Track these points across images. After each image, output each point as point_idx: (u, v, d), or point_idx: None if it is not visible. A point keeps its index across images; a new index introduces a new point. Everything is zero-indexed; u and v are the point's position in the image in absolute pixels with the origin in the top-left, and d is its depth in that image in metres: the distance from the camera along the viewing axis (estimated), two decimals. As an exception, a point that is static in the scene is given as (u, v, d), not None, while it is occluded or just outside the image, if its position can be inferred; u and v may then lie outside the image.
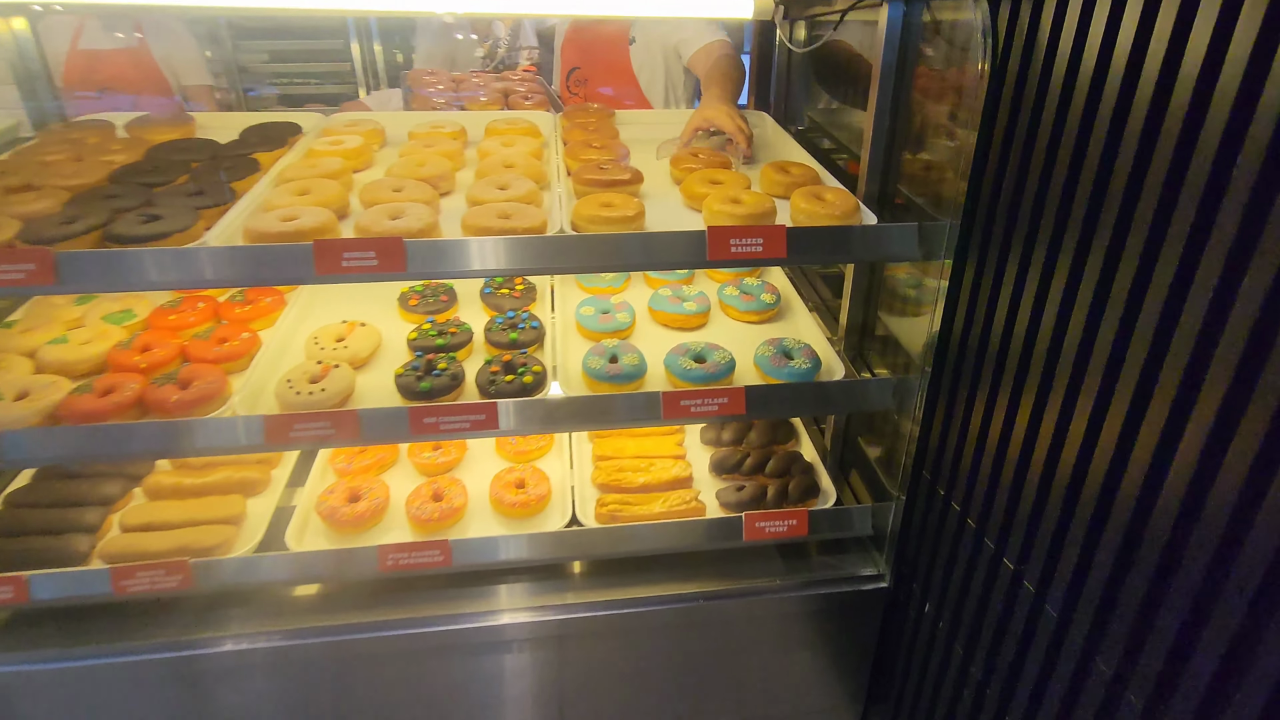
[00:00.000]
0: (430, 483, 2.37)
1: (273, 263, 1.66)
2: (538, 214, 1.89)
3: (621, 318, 2.37)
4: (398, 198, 1.95)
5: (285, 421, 1.88)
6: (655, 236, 1.83)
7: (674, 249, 1.82)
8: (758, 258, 1.85)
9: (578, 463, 2.55)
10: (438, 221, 1.88)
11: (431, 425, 1.94)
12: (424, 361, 2.10)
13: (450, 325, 2.29)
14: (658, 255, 1.83)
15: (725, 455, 2.52)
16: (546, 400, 2.01)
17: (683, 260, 1.86)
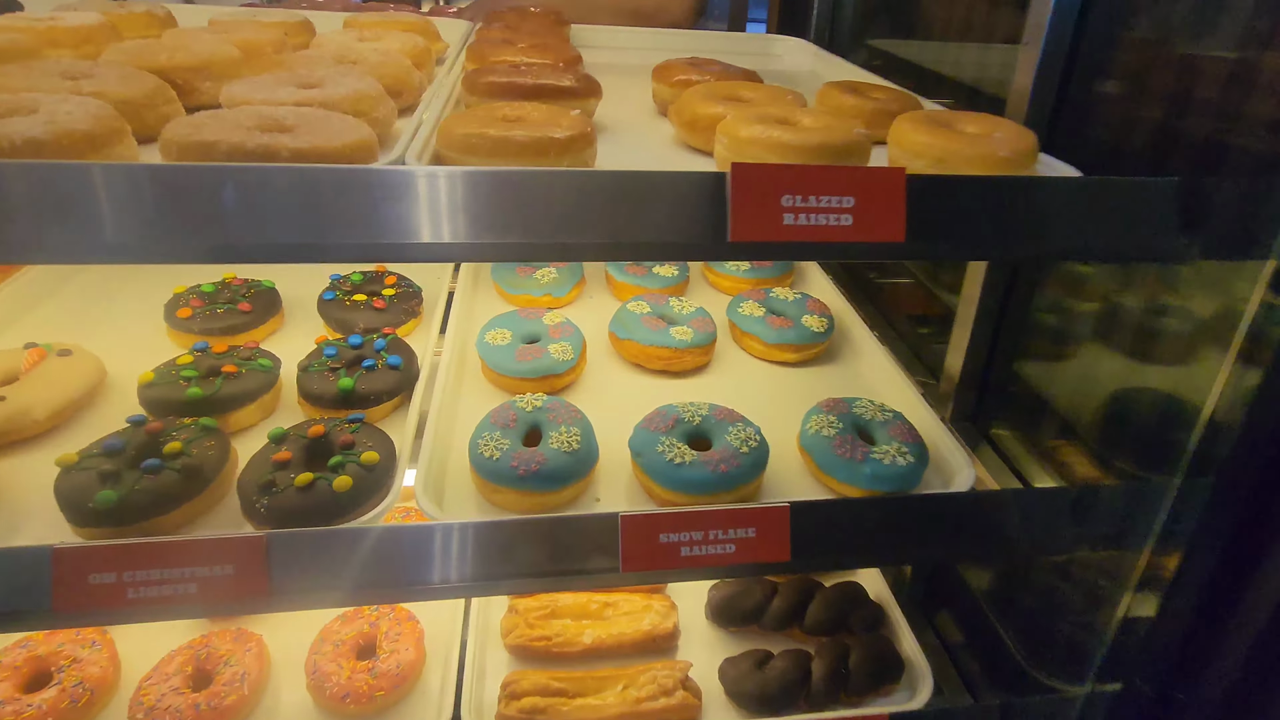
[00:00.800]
0: (197, 645, 1.28)
1: None
2: (353, 129, 0.83)
3: (558, 352, 1.31)
4: (58, 87, 0.88)
5: None
6: (616, 180, 0.79)
7: (656, 212, 0.79)
8: (841, 240, 0.82)
9: (479, 601, 1.49)
10: (125, 131, 0.81)
11: (107, 592, 0.87)
12: (136, 437, 1.03)
13: (235, 357, 1.22)
14: (619, 225, 0.79)
15: (734, 592, 1.46)
16: (365, 535, 0.94)
17: (672, 240, 0.81)
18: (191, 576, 0.90)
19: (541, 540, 0.99)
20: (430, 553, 0.96)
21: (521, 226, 0.78)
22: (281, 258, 0.75)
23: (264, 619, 1.41)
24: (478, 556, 0.97)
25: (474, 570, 0.98)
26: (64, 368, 1.18)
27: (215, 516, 1.03)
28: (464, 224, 0.78)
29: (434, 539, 0.96)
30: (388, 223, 0.75)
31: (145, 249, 0.73)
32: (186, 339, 1.35)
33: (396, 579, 0.95)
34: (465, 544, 0.96)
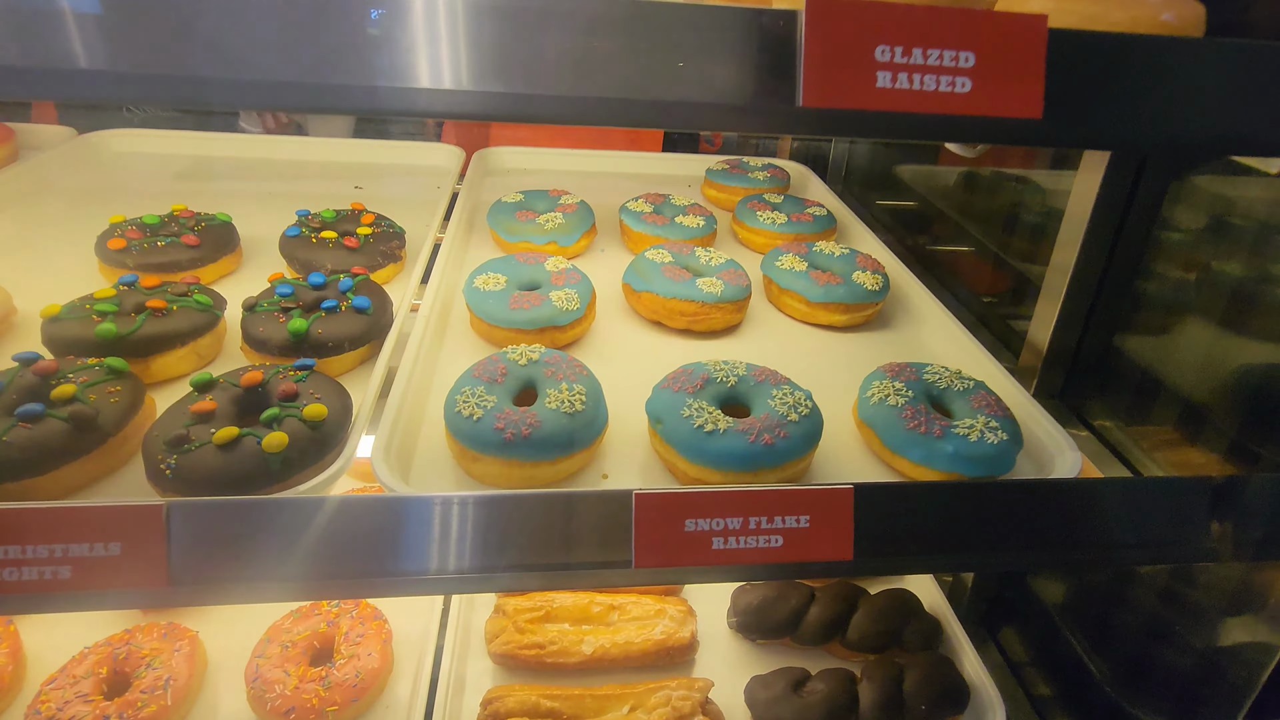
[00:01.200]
0: (117, 642, 1.06)
1: None
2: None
3: (561, 300, 1.08)
4: None
5: None
6: (643, 13, 0.56)
7: (698, 60, 0.56)
8: (955, 111, 0.59)
9: (459, 599, 1.26)
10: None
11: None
12: (23, 378, 0.80)
13: (166, 293, 1.00)
14: (646, 75, 0.56)
15: (765, 597, 1.23)
16: (298, 509, 0.72)
17: (718, 100, 0.58)
18: (64, 556, 0.68)
19: (529, 524, 0.76)
20: (384, 536, 0.73)
21: (522, 74, 0.55)
22: (255, 100, 0.53)
23: (204, 611, 1.19)
24: (445, 543, 0.74)
25: (438, 561, 0.75)
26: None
27: (116, 482, 0.81)
28: (456, 67, 0.55)
29: (389, 518, 0.73)
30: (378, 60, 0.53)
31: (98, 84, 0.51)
32: (115, 273, 1.13)
33: (337, 569, 0.72)
34: (428, 526, 0.73)
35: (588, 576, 0.78)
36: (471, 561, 0.76)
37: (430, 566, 0.75)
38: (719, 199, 1.68)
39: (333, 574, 0.73)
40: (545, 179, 1.74)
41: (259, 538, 0.72)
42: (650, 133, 2.15)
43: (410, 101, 0.58)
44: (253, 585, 0.73)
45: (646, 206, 1.46)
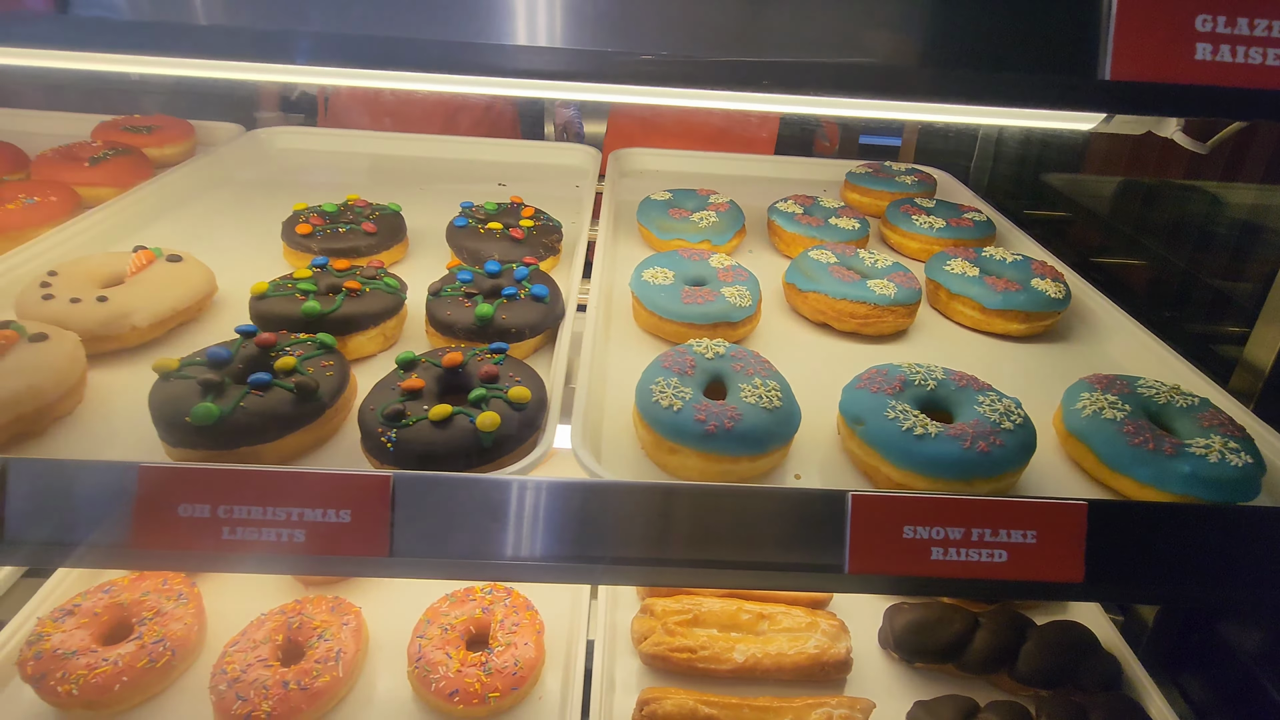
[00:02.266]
0: (290, 612, 1.10)
1: None
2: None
3: (734, 296, 1.06)
4: None
5: None
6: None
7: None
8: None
9: (607, 590, 1.25)
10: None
11: (196, 528, 0.68)
12: (246, 350, 0.84)
13: (358, 275, 1.03)
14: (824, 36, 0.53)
15: (926, 619, 1.16)
16: (522, 490, 0.71)
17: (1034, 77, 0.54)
18: (300, 520, 0.70)
19: (736, 519, 0.73)
20: (601, 521, 0.72)
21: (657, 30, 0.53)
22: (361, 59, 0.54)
23: (364, 590, 1.22)
24: (650, 532, 0.73)
25: (650, 550, 0.73)
26: (172, 274, 1.03)
27: (327, 452, 0.83)
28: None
29: (608, 503, 0.72)
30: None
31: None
32: (304, 259, 1.18)
33: (555, 551, 0.72)
34: (647, 514, 0.72)
35: (795, 578, 0.75)
36: (675, 553, 0.74)
37: (636, 555, 0.74)
38: (861, 203, 1.63)
39: (540, 556, 0.73)
40: (678, 180, 1.74)
41: (477, 515, 0.72)
42: (762, 136, 2.12)
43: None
44: (468, 562, 0.73)
45: (797, 208, 1.43)
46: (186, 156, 1.65)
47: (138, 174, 1.43)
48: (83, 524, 0.70)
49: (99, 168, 1.38)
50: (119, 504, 0.70)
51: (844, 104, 0.85)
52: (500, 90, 1.22)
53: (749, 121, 2.10)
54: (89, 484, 0.70)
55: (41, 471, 0.70)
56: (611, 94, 0.91)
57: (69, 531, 0.70)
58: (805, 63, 0.61)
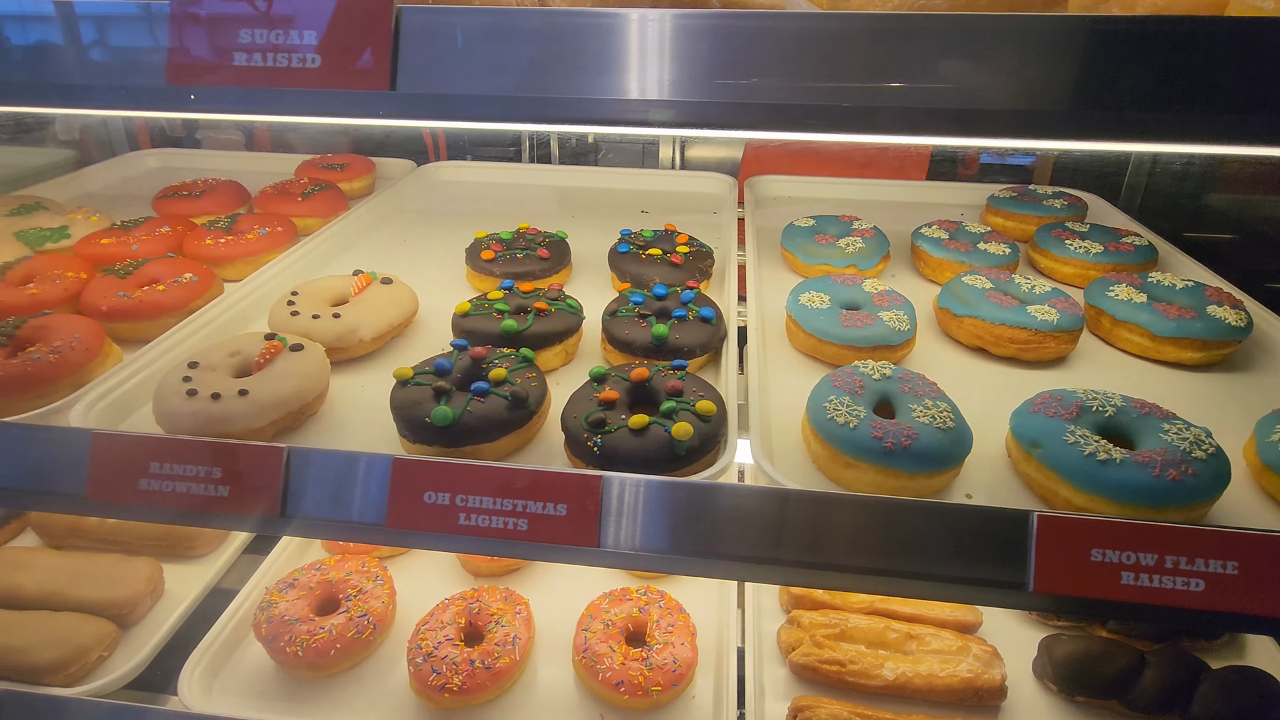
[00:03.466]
0: (470, 598, 1.22)
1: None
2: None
3: (893, 320, 1.10)
4: None
5: (127, 457, 0.83)
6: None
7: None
8: None
9: (755, 595, 1.30)
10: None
11: (438, 513, 0.80)
12: (462, 361, 0.97)
13: (541, 297, 1.15)
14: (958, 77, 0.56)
15: (1087, 651, 1.13)
16: (716, 493, 0.78)
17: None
18: (524, 511, 0.80)
19: (917, 533, 0.77)
20: (791, 526, 0.78)
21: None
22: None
23: (528, 584, 1.33)
24: (838, 540, 0.78)
25: (829, 556, 0.78)
26: (386, 294, 1.19)
27: (530, 452, 0.94)
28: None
29: (800, 511, 0.78)
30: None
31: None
32: (485, 280, 1.32)
33: (746, 551, 0.78)
34: (835, 522, 0.77)
35: (976, 592, 0.78)
36: (859, 561, 0.78)
37: (823, 560, 0.79)
38: (1005, 227, 1.62)
39: (726, 555, 0.80)
40: (812, 206, 1.78)
41: (671, 514, 0.80)
42: (915, 160, 2.13)
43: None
44: (660, 556, 0.81)
45: (942, 233, 1.44)
46: (369, 189, 1.86)
47: (337, 206, 1.64)
48: (346, 504, 0.84)
49: (308, 201, 1.60)
50: (376, 489, 0.82)
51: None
52: (634, 131, 1.33)
53: (905, 148, 2.11)
54: (352, 471, 0.84)
55: (316, 459, 0.84)
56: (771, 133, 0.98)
57: (333, 509, 0.84)
58: (1010, 111, 0.65)
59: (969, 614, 1.25)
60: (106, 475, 0.85)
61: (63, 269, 1.24)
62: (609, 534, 0.80)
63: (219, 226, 1.43)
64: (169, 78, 0.64)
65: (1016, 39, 0.64)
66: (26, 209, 1.55)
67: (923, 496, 0.87)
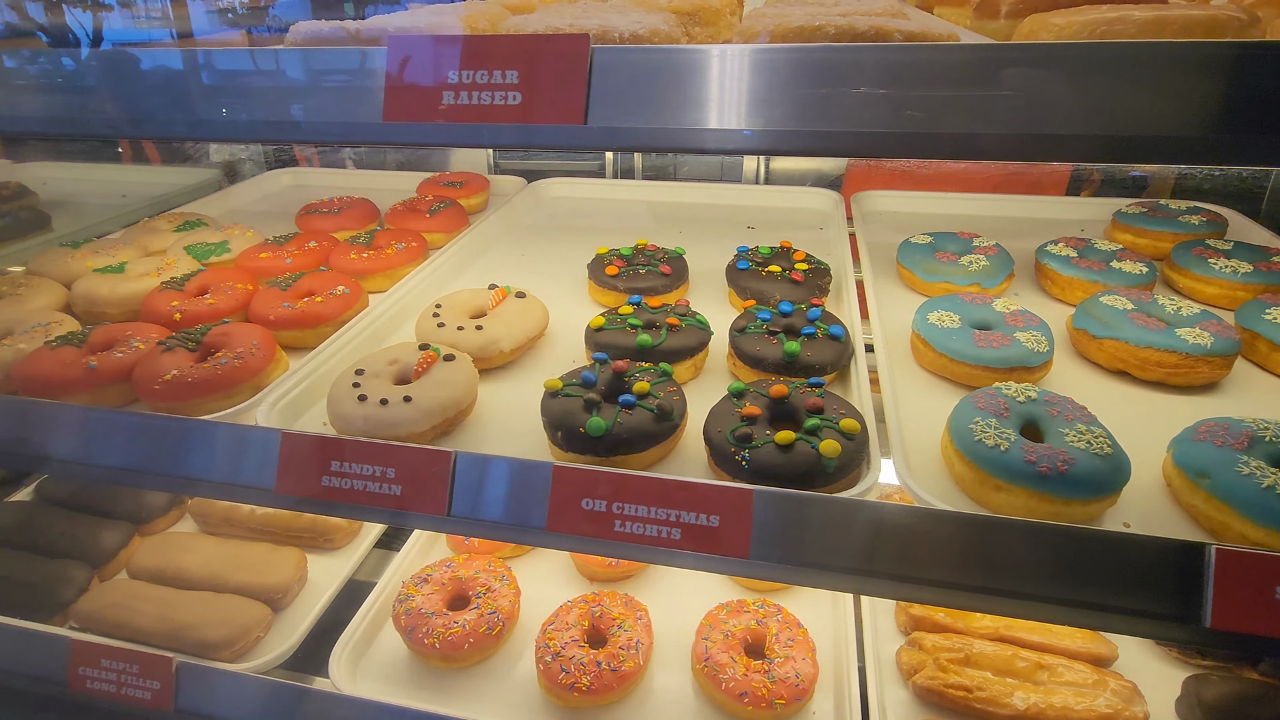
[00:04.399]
0: (592, 602, 1.27)
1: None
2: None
3: (1030, 341, 1.08)
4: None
5: (311, 455, 0.91)
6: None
7: None
8: None
9: (871, 614, 1.29)
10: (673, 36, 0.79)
11: (594, 519, 0.84)
12: (605, 373, 1.01)
13: (670, 313, 1.19)
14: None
15: (1239, 693, 1.07)
16: (867, 512, 0.79)
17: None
18: (678, 520, 0.83)
19: (1092, 560, 0.76)
20: (941, 547, 0.78)
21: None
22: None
23: (645, 591, 1.37)
24: (998, 563, 0.77)
25: (987, 580, 0.78)
26: (521, 308, 1.25)
27: (670, 463, 0.97)
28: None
29: (947, 532, 0.78)
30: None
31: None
32: (608, 295, 1.37)
33: (895, 570, 0.79)
34: (987, 545, 0.77)
35: (1138, 624, 0.76)
36: (1016, 586, 0.78)
37: (977, 582, 0.79)
38: (1136, 245, 1.55)
39: (874, 574, 0.80)
40: (922, 222, 1.76)
41: (820, 530, 0.82)
42: (1054, 179, 2.07)
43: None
44: (807, 570, 0.82)
45: (1070, 251, 1.40)
46: (484, 205, 1.96)
47: (460, 222, 1.74)
48: (507, 507, 0.89)
49: (435, 218, 1.70)
50: (537, 493, 0.88)
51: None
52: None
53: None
54: (514, 475, 0.89)
55: (481, 463, 0.90)
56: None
57: (495, 510, 0.89)
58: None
59: (1103, 646, 1.21)
60: (293, 471, 0.93)
61: (231, 280, 1.37)
62: (759, 546, 0.82)
63: (360, 242, 1.54)
64: (385, 116, 0.72)
65: (1207, 65, 0.64)
66: (190, 225, 1.71)
67: (1075, 523, 0.85)
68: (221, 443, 0.96)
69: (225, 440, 0.96)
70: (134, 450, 0.99)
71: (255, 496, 0.95)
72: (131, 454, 0.99)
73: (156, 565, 1.39)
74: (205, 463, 0.96)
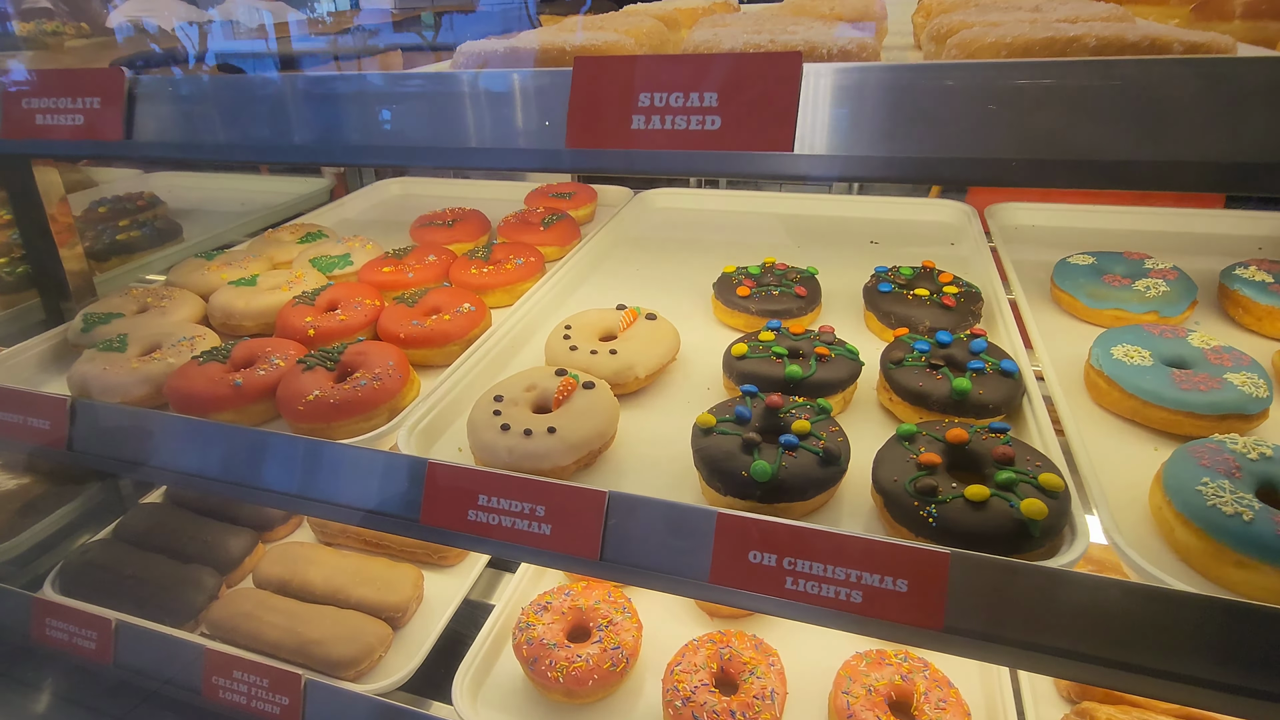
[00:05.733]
0: (720, 642, 1.20)
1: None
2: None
3: (1245, 384, 0.95)
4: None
5: (458, 487, 0.88)
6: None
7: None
8: None
9: (1029, 676, 1.17)
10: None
11: (763, 575, 0.77)
12: (758, 408, 0.94)
13: (817, 341, 1.11)
14: None
15: None
16: (1088, 586, 0.69)
17: None
18: (858, 582, 0.75)
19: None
20: (1176, 634, 0.67)
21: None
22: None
23: (763, 630, 1.29)
24: (1253, 659, 0.66)
25: (1238, 676, 0.67)
26: (651, 331, 1.20)
27: (828, 511, 0.90)
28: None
29: (1187, 617, 0.67)
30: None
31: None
32: (735, 316, 1.30)
33: (1103, 654, 0.69)
34: (1234, 632, 0.66)
35: None
36: (1266, 685, 0.66)
37: (1219, 679, 0.68)
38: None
39: (1102, 660, 0.70)
40: (1070, 238, 1.61)
41: (1035, 604, 0.72)
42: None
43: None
44: (1013, 650, 0.73)
45: (1265, 275, 1.24)
46: (592, 216, 1.93)
47: (573, 234, 1.70)
48: (664, 554, 0.83)
49: (550, 230, 1.67)
50: (697, 541, 0.81)
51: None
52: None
53: None
54: (671, 520, 0.83)
55: (635, 505, 0.85)
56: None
57: (650, 557, 0.84)
58: None
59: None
60: (440, 503, 0.90)
61: (359, 296, 1.37)
62: (954, 618, 0.73)
63: (479, 256, 1.52)
64: (568, 142, 0.67)
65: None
66: (311, 237, 1.74)
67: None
68: (369, 469, 0.94)
69: (373, 467, 0.94)
70: (285, 473, 0.99)
71: (400, 526, 0.93)
72: (282, 477, 0.98)
73: (281, 575, 1.41)
74: (354, 489, 0.94)
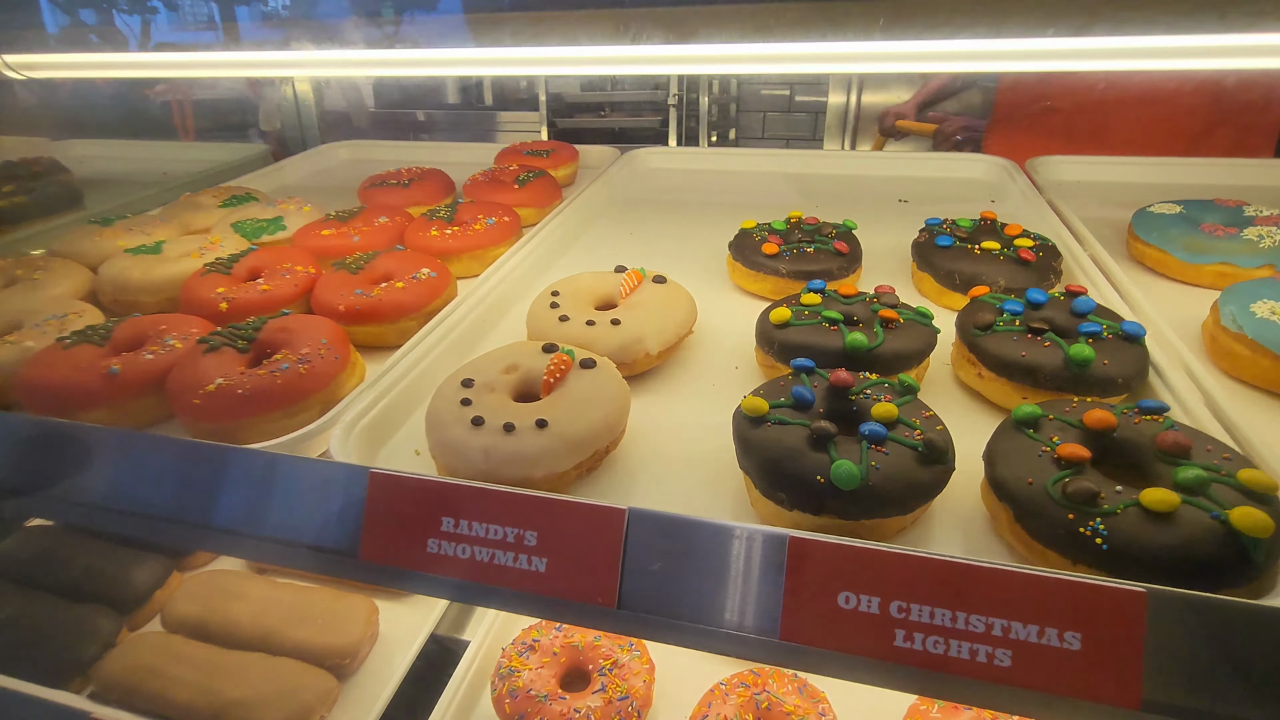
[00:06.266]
0: (754, 685, 0.96)
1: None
2: None
3: None
4: None
5: (413, 506, 0.62)
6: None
7: None
8: None
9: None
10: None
11: (857, 624, 0.52)
12: (820, 389, 0.69)
13: (879, 303, 0.86)
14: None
15: None
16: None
17: None
18: (1004, 638, 0.51)
19: None
20: None
21: None
22: None
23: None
24: None
25: None
26: (663, 297, 0.94)
27: (919, 530, 0.66)
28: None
29: None
30: None
31: None
32: (759, 280, 1.06)
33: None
34: None
35: None
36: None
37: None
38: None
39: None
40: (1123, 193, 1.41)
41: (1257, 659, 0.49)
42: (1263, 129, 1.69)
43: None
44: None
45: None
46: (573, 177, 1.67)
47: (554, 194, 1.44)
48: (709, 599, 0.58)
49: (526, 189, 1.40)
50: (758, 580, 0.57)
51: None
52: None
53: (1242, 112, 1.68)
54: (718, 549, 0.58)
55: (663, 527, 0.60)
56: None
57: (691, 605, 0.59)
58: None
59: None
60: (386, 529, 0.64)
61: (289, 262, 1.09)
62: (1153, 684, 0.50)
63: (440, 217, 1.25)
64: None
65: None
66: (238, 200, 1.45)
67: None
68: (288, 484, 0.67)
69: (294, 481, 0.67)
70: (166, 490, 0.71)
71: (330, 564, 0.66)
72: (163, 496, 0.71)
73: (198, 614, 1.12)
74: (267, 512, 0.67)
